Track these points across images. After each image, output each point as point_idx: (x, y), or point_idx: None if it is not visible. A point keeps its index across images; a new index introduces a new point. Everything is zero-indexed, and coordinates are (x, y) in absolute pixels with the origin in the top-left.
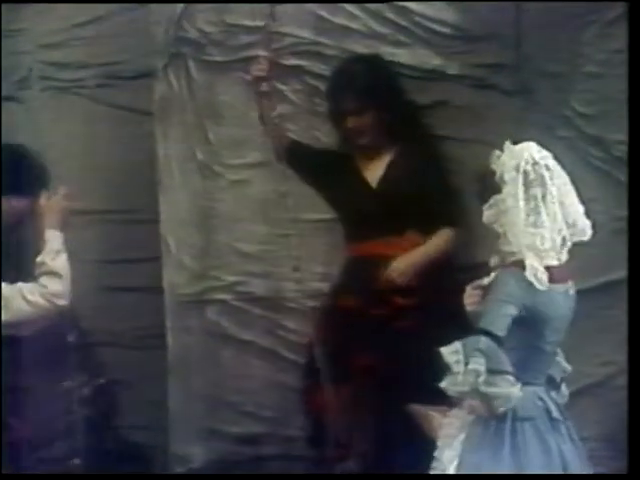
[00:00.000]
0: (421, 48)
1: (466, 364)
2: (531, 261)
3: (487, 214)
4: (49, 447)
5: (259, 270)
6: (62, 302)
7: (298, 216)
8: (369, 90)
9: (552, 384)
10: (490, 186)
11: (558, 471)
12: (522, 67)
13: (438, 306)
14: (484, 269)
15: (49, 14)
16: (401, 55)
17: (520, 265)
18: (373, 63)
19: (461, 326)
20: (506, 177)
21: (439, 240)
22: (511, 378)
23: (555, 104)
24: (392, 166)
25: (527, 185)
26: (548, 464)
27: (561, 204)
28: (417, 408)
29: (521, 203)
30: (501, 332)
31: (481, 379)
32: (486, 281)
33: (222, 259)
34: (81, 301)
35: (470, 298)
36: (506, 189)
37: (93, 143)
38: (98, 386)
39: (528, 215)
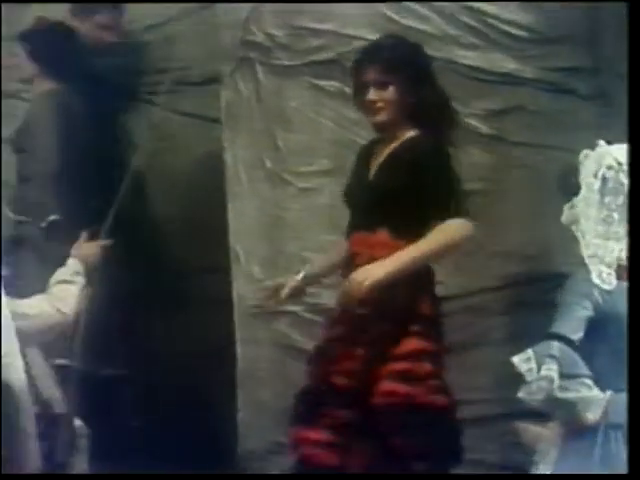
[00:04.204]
0: (495, 51)
1: (539, 371)
2: (595, 265)
3: (567, 214)
4: None
5: (330, 281)
6: (67, 310)
7: None
8: (395, 64)
9: None
10: (570, 186)
11: None
12: (600, 70)
13: None
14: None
15: None
16: (474, 58)
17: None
18: (405, 42)
19: None
20: (584, 182)
21: (440, 235)
22: (588, 381)
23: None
24: (393, 155)
25: (603, 193)
26: None
27: None
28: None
29: (593, 211)
30: (575, 335)
31: (555, 385)
32: None
33: (291, 269)
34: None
35: None
36: (581, 194)
37: (159, 151)
38: None
39: (597, 224)
